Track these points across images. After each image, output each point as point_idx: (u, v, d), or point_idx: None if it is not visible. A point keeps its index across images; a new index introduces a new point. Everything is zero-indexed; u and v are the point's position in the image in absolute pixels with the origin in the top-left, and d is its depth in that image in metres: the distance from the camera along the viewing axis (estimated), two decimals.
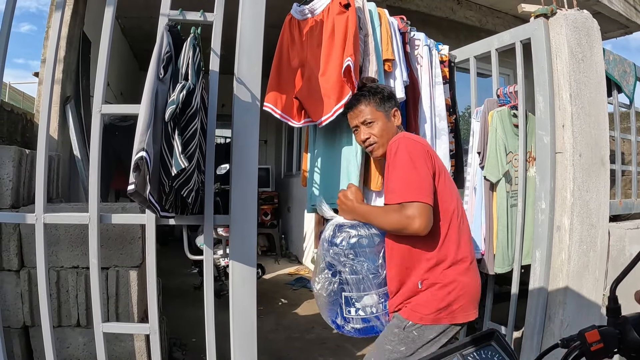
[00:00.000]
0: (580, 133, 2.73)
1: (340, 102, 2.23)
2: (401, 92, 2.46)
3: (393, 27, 2.53)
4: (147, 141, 1.81)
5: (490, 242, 2.86)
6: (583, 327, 2.62)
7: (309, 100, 2.36)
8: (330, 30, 2.32)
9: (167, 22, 2.07)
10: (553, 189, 2.73)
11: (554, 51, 2.78)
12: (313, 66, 2.37)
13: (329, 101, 2.26)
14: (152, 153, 1.83)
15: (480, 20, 5.08)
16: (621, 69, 3.30)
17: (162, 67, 1.91)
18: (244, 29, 2.13)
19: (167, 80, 1.93)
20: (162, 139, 1.88)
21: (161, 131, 1.88)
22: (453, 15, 4.99)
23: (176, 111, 1.83)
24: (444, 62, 2.93)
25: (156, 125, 1.87)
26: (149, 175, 1.80)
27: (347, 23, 2.27)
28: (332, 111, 2.25)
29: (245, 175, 2.09)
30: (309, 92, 2.36)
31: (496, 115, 2.81)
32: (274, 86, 2.42)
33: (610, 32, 5.48)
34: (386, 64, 2.41)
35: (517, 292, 2.88)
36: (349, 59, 2.19)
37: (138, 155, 1.79)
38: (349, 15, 2.28)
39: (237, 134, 2.10)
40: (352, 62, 2.18)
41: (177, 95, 1.83)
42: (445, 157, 2.74)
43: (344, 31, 2.26)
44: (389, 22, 2.50)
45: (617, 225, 3.15)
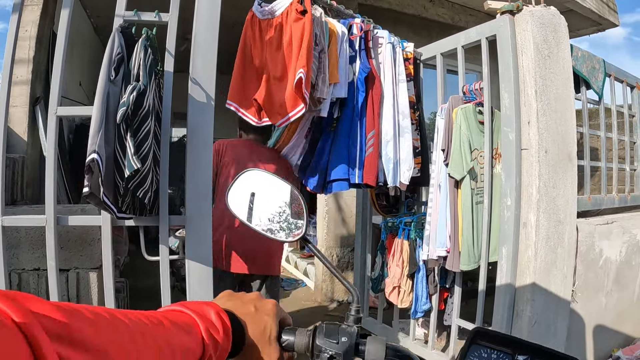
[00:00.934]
0: (546, 129, 2.73)
1: (294, 110, 2.29)
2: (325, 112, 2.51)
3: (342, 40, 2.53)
4: (99, 143, 1.81)
5: (456, 240, 2.86)
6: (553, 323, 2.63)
7: (268, 103, 2.37)
8: (288, 36, 2.32)
9: (121, 23, 2.06)
10: (519, 185, 2.72)
11: (519, 47, 2.78)
12: (272, 69, 2.37)
13: (286, 107, 2.31)
14: (105, 155, 1.82)
15: (452, 17, 5.07)
16: (590, 65, 3.30)
17: (113, 68, 1.90)
18: (198, 28, 2.12)
19: (118, 82, 1.92)
20: (115, 141, 1.87)
21: (114, 133, 1.87)
22: (425, 13, 4.98)
23: (128, 112, 1.82)
24: (409, 60, 2.92)
25: (109, 127, 1.86)
26: (102, 177, 1.79)
27: (303, 32, 2.26)
28: (286, 117, 2.32)
29: (200, 175, 2.07)
30: (268, 95, 2.37)
31: (460, 112, 2.80)
32: (237, 84, 2.41)
33: (582, 29, 5.50)
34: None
35: (484, 289, 2.89)
36: (301, 70, 2.19)
37: (89, 158, 1.79)
38: (305, 23, 2.27)
39: (191, 133, 2.08)
40: (304, 75, 2.19)
41: (128, 96, 1.82)
42: (408, 155, 2.73)
43: (300, 40, 2.26)
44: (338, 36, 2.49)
45: (586, 221, 3.16)
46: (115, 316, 0.49)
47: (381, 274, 3.43)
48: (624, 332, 3.62)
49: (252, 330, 0.70)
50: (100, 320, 0.45)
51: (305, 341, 0.75)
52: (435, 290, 3.17)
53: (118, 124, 1.83)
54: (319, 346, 0.74)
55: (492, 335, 0.81)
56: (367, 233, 3.93)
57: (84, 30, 4.73)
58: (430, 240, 2.98)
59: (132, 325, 0.50)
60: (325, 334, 0.75)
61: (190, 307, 0.64)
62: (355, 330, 0.77)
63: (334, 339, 0.74)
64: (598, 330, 3.34)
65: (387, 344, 0.75)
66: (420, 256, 3.11)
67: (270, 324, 0.72)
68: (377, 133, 2.62)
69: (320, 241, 4.85)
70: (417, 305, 3.15)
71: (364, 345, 0.75)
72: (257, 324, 0.71)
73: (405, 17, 4.95)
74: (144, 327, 0.53)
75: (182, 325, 0.59)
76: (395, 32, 2.99)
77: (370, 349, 0.74)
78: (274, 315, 0.74)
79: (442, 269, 3.09)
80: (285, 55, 2.31)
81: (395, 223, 3.38)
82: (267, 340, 0.71)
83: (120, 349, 0.45)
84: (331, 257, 4.76)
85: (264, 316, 0.72)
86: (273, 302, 0.76)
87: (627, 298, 3.60)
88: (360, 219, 3.98)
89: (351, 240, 4.60)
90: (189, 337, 0.59)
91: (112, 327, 0.46)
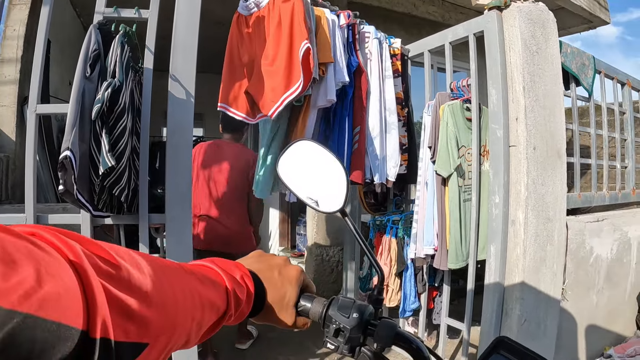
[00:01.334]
0: (535, 126, 2.71)
1: (289, 90, 2.19)
2: (332, 95, 2.40)
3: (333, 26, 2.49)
4: (73, 140, 1.79)
5: (443, 238, 2.83)
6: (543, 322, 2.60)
7: (259, 93, 2.31)
8: (277, 20, 2.27)
9: (99, 20, 2.04)
10: (507, 182, 2.70)
11: (507, 44, 2.76)
12: (263, 58, 2.32)
13: (279, 91, 2.23)
14: (79, 152, 1.80)
15: (442, 15, 5.06)
16: (579, 62, 3.28)
17: (89, 65, 1.89)
18: (178, 24, 2.10)
19: (94, 79, 1.90)
20: (90, 138, 1.85)
21: (89, 130, 1.85)
22: (415, 11, 4.95)
23: (103, 109, 1.80)
24: (397, 56, 2.89)
25: (84, 124, 1.84)
26: (75, 174, 1.77)
27: (294, 9, 2.22)
28: (280, 100, 2.21)
29: (180, 173, 2.05)
30: (259, 85, 2.31)
31: (447, 108, 2.78)
32: (227, 85, 2.37)
33: (573, 26, 5.48)
34: (320, 68, 2.35)
35: (473, 288, 2.86)
36: (306, 41, 2.15)
37: (62, 155, 1.77)
38: (294, 3, 2.24)
39: (171, 132, 2.06)
40: (310, 44, 2.16)
41: (103, 93, 1.81)
42: (395, 151, 2.70)
43: (291, 17, 2.21)
44: (329, 22, 2.45)
45: (576, 218, 3.14)
46: (157, 262, 0.52)
47: (369, 273, 3.41)
48: (616, 331, 3.60)
49: (272, 295, 0.73)
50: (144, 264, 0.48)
51: (319, 310, 0.77)
52: (424, 289, 3.14)
53: (93, 120, 1.81)
54: (330, 317, 0.76)
55: (516, 349, 0.78)
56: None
57: (73, 29, 4.70)
58: (418, 238, 2.95)
59: (171, 273, 0.53)
60: (339, 307, 0.76)
61: (220, 264, 0.67)
62: (371, 309, 0.78)
63: (345, 313, 0.75)
64: (589, 328, 3.31)
65: (397, 330, 0.75)
66: (408, 254, 3.09)
67: (290, 292, 0.75)
68: (364, 129, 2.60)
69: (310, 240, 4.83)
70: (405, 304, 3.13)
71: (375, 327, 0.75)
72: (278, 290, 0.74)
73: (395, 15, 4.92)
74: (181, 274, 0.56)
75: (210, 280, 0.62)
76: (385, 30, 2.97)
77: (380, 331, 0.75)
78: (296, 282, 0.76)
79: (430, 267, 3.06)
80: (275, 38, 2.26)
81: (383, 221, 3.36)
82: (285, 305, 0.74)
83: (160, 291, 0.47)
84: (320, 256, 4.73)
85: (285, 283, 0.75)
86: (298, 269, 0.79)
87: (618, 296, 3.58)
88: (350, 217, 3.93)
89: (340, 239, 4.58)
90: (215, 292, 0.61)
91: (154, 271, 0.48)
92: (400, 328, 0.76)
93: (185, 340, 0.54)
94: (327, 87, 2.38)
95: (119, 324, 0.40)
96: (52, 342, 0.32)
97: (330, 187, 0.84)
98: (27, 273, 0.31)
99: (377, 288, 0.82)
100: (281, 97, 2.22)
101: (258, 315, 0.74)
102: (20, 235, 0.34)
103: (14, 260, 0.31)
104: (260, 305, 0.72)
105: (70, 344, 0.33)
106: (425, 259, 2.97)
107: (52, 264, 0.34)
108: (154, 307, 0.45)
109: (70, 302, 0.34)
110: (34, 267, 0.32)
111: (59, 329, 0.32)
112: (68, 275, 0.35)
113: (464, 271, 2.93)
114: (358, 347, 0.76)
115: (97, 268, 0.39)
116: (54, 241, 0.37)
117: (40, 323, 0.31)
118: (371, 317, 0.77)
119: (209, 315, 0.59)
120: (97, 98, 1.80)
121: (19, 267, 0.31)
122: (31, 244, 0.34)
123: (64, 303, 0.33)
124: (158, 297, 0.47)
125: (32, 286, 0.31)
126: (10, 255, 0.31)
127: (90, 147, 1.84)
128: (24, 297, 0.30)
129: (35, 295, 0.31)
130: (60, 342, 0.33)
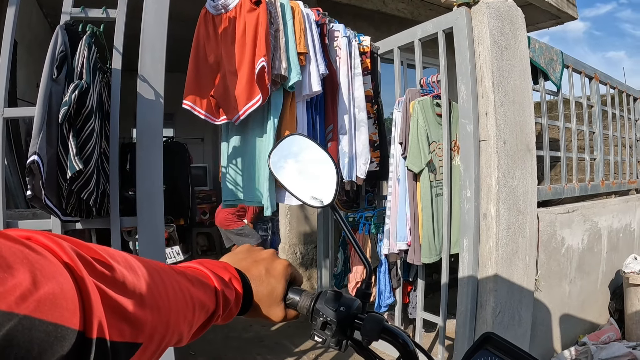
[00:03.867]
0: (504, 120, 2.75)
1: (250, 102, 2.25)
2: (318, 85, 2.43)
3: (308, 20, 2.50)
4: (40, 144, 1.76)
5: (416, 233, 2.86)
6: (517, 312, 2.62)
7: (224, 99, 2.34)
8: (242, 29, 2.30)
9: (66, 20, 2.01)
10: (478, 177, 2.74)
11: (476, 40, 2.79)
12: (227, 64, 2.33)
13: (241, 100, 2.27)
14: (46, 156, 1.77)
15: (412, 12, 5.08)
16: (548, 57, 3.33)
17: (56, 67, 1.85)
18: (147, 24, 2.08)
19: (61, 81, 1.87)
20: (57, 142, 1.82)
21: (57, 133, 1.82)
22: (385, 8, 4.96)
23: (70, 112, 1.77)
24: (366, 53, 2.91)
25: (52, 127, 1.81)
26: (43, 179, 1.74)
27: (258, 21, 2.25)
28: (242, 110, 2.27)
29: (150, 175, 2.04)
30: (224, 90, 2.34)
31: (417, 104, 2.80)
32: (192, 83, 2.37)
33: (541, 22, 5.56)
34: (300, 57, 2.38)
35: (447, 282, 2.90)
36: (263, 59, 2.18)
37: (30, 159, 1.74)
38: (259, 13, 2.26)
39: (141, 133, 2.04)
40: (265, 63, 2.19)
41: (70, 95, 1.78)
42: (365, 148, 2.73)
43: (254, 30, 2.25)
44: (303, 14, 2.47)
45: (547, 210, 3.19)
46: (150, 264, 0.52)
47: (344, 270, 3.43)
48: (589, 319, 3.68)
49: (259, 292, 0.74)
50: (138, 266, 0.48)
51: (307, 303, 0.77)
52: (399, 284, 3.17)
53: (60, 123, 1.78)
54: (317, 310, 0.76)
55: (503, 345, 0.78)
56: (329, 229, 3.92)
57: (40, 30, 4.61)
58: (391, 234, 2.97)
59: (164, 274, 0.53)
60: (327, 300, 0.76)
61: (208, 266, 0.68)
62: (358, 303, 0.78)
63: (333, 307, 0.75)
64: (563, 317, 3.38)
65: (384, 325, 0.75)
66: (381, 250, 3.11)
67: (277, 288, 0.75)
68: (336, 127, 2.61)
69: (284, 239, 4.83)
70: (380, 300, 3.15)
71: (362, 321, 0.76)
72: (265, 287, 0.74)
73: (364, 12, 4.92)
74: (172, 275, 0.56)
75: (200, 281, 0.62)
76: (355, 27, 2.98)
77: (367, 325, 0.75)
78: (282, 277, 0.76)
79: (404, 262, 3.09)
80: (240, 47, 2.29)
81: (356, 218, 3.38)
82: (273, 301, 0.75)
83: (154, 293, 0.48)
84: (295, 254, 4.74)
85: (271, 279, 0.75)
86: (284, 263, 0.79)
87: (591, 285, 3.66)
88: (322, 215, 3.97)
89: (314, 237, 4.59)
90: (205, 293, 0.61)
91: (147, 272, 0.49)
92: (388, 322, 0.77)
93: (177, 340, 0.55)
94: (310, 78, 2.40)
95: (114, 325, 0.40)
96: (50, 342, 0.32)
97: (321, 181, 0.85)
98: (23, 276, 0.32)
99: (365, 282, 0.82)
100: (244, 106, 2.29)
101: (248, 313, 0.75)
102: (15, 239, 0.35)
103: (10, 265, 0.32)
104: (249, 303, 0.73)
105: (68, 344, 0.34)
106: (398, 254, 2.99)
107: (47, 266, 0.34)
108: (148, 308, 0.46)
109: (66, 303, 0.34)
110: (30, 270, 0.33)
111: (56, 329, 0.33)
112: (63, 277, 0.35)
113: (437, 265, 2.96)
114: (345, 341, 0.76)
115: (92, 270, 0.40)
116: (48, 244, 0.38)
117: (37, 324, 0.31)
118: (358, 311, 0.77)
119: (199, 315, 0.59)
120: (64, 100, 1.77)
121: (14, 271, 0.32)
122: (26, 248, 0.35)
123: (60, 304, 0.34)
124: (152, 298, 0.47)
125: (28, 288, 0.32)
126: (5, 260, 0.32)
127: (57, 151, 1.81)
128: (20, 299, 0.31)
129: (32, 297, 0.31)
130: (58, 342, 0.33)
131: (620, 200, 4.15)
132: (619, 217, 3.92)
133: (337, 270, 3.50)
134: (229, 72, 2.32)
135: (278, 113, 2.39)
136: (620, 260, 3.80)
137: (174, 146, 6.54)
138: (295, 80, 2.35)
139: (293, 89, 2.42)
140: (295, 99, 2.47)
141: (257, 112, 2.31)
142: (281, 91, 2.42)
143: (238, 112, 2.26)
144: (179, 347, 3.36)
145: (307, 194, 0.86)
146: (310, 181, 0.86)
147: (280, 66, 2.31)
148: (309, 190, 0.86)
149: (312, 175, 0.87)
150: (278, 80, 2.36)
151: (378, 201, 3.64)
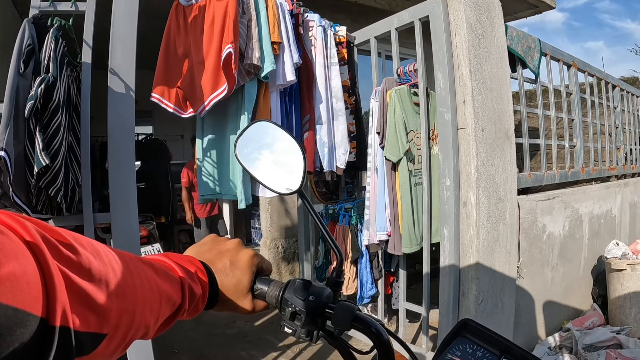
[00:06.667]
0: (482, 108, 2.74)
1: (215, 92, 2.21)
2: (292, 75, 2.41)
3: (282, 9, 2.47)
4: (7, 140, 1.71)
5: (396, 223, 2.85)
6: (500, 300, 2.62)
7: (190, 90, 2.31)
8: (211, 18, 2.27)
9: (35, 14, 1.97)
10: (457, 165, 2.73)
11: (452, 28, 2.78)
12: (195, 54, 2.30)
13: (206, 90, 2.24)
14: (14, 152, 1.73)
15: (390, 4, 5.05)
16: (525, 45, 3.34)
17: (23, 61, 1.81)
18: (116, 16, 2.04)
19: (28, 75, 1.83)
20: (25, 137, 1.78)
21: (24, 129, 1.78)
22: (362, 0, 4.94)
23: (36, 106, 1.73)
24: (342, 43, 2.89)
25: (19, 122, 1.77)
26: (10, 176, 1.70)
27: (227, 9, 2.22)
28: (207, 100, 2.23)
29: (124, 170, 2.00)
30: (191, 81, 2.31)
31: (394, 94, 2.79)
32: (161, 76, 2.34)
33: (520, 12, 5.58)
34: (273, 47, 2.35)
35: (429, 271, 2.89)
36: (230, 46, 2.15)
37: None
38: (228, 1, 2.23)
39: (112, 127, 2.00)
40: (232, 49, 2.14)
41: (36, 89, 1.74)
42: (343, 138, 2.71)
43: (223, 17, 2.21)
44: (277, 3, 2.44)
45: (527, 197, 3.20)
46: (117, 252, 0.50)
47: (325, 262, 3.41)
48: (573, 305, 3.71)
49: (225, 285, 0.72)
50: (105, 253, 0.46)
51: (275, 294, 0.75)
52: (381, 275, 3.16)
53: (27, 118, 1.74)
54: (286, 300, 0.74)
55: (480, 331, 0.77)
56: (310, 222, 3.90)
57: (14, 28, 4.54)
58: (370, 224, 2.96)
59: (130, 262, 0.51)
60: (295, 289, 0.74)
61: (174, 258, 0.66)
62: (328, 292, 0.76)
63: (301, 296, 0.73)
64: (547, 304, 3.40)
65: (356, 314, 0.72)
66: (362, 241, 3.09)
67: (243, 280, 0.73)
68: (313, 117, 2.59)
69: (265, 233, 4.82)
70: (362, 291, 3.14)
71: (333, 310, 0.73)
72: (230, 279, 0.72)
73: (342, 4, 4.89)
74: (139, 265, 0.54)
75: (166, 273, 0.60)
76: (332, 19, 2.95)
77: (338, 314, 0.72)
78: (248, 269, 0.74)
79: (386, 253, 3.07)
80: (208, 36, 2.26)
81: (336, 210, 3.37)
82: (240, 293, 0.73)
83: (121, 282, 0.46)
84: (276, 248, 4.73)
85: (237, 271, 0.73)
86: (249, 253, 0.76)
87: (573, 272, 3.68)
88: (302, 208, 3.95)
89: (295, 230, 4.57)
90: (171, 286, 0.59)
91: (115, 260, 0.47)
92: (360, 311, 0.74)
93: (143, 332, 0.53)
94: (284, 68, 2.38)
95: (79, 313, 0.38)
96: (9, 327, 0.29)
97: (287, 167, 0.82)
98: None
99: (336, 270, 0.79)
100: (209, 97, 2.25)
101: (215, 307, 0.73)
102: None
103: None
104: (216, 297, 0.71)
105: (29, 331, 0.31)
106: (379, 244, 2.98)
107: (8, 245, 0.32)
108: (114, 297, 0.44)
109: (27, 286, 0.32)
110: None
111: (16, 314, 0.30)
112: (26, 258, 0.33)
113: (419, 255, 2.96)
114: (316, 331, 0.74)
115: (57, 253, 0.37)
116: (10, 223, 0.35)
117: None
118: (329, 300, 0.75)
119: (165, 308, 0.57)
120: (30, 94, 1.73)
121: None
122: None
123: (22, 287, 0.31)
124: (118, 287, 0.45)
125: None
126: None
127: (25, 147, 1.77)
128: None
129: None
130: (17, 328, 0.30)
131: (600, 186, 4.17)
132: (600, 203, 3.95)
133: (319, 262, 3.48)
134: (196, 63, 2.29)
135: (252, 104, 2.35)
136: (602, 246, 3.82)
137: (153, 143, 6.47)
138: (269, 70, 2.32)
139: (267, 78, 2.39)
140: (269, 89, 2.44)
141: (231, 104, 2.28)
142: (255, 81, 2.38)
143: (203, 102, 2.22)
144: (160, 344, 3.34)
145: (274, 180, 0.83)
146: (277, 167, 0.84)
147: (254, 55, 2.28)
148: (276, 176, 0.84)
149: (279, 160, 0.84)
150: (252, 71, 2.33)
151: (358, 192, 3.62)
